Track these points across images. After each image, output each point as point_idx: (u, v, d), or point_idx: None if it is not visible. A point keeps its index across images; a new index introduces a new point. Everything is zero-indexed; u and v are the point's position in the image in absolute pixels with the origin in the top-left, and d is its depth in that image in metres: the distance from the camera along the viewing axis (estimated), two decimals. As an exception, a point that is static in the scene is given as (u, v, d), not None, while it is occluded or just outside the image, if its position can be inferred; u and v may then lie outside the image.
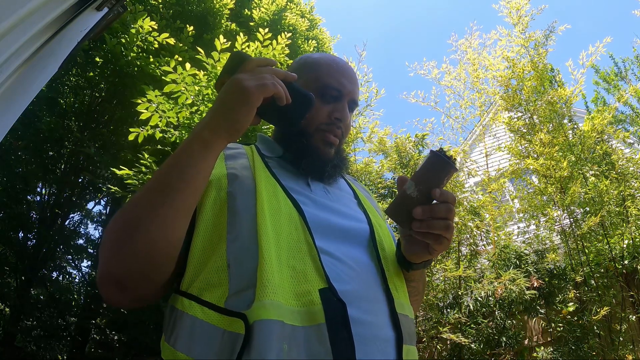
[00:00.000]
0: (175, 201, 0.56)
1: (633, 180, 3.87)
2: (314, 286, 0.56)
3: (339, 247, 0.65)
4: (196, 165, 0.58)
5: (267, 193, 0.65)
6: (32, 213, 4.95)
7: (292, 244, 0.60)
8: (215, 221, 0.62)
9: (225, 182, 0.67)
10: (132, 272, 0.56)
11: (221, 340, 0.52)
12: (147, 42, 4.15)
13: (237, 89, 0.59)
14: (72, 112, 4.73)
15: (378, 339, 0.58)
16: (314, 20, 7.68)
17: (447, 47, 9.50)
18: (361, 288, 0.62)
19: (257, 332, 0.49)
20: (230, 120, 0.59)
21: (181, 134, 3.53)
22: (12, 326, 4.28)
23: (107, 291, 0.57)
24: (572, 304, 3.46)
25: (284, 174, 0.74)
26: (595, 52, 4.29)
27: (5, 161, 4.51)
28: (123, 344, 4.31)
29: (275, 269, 0.55)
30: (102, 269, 0.56)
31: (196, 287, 0.58)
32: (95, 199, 5.78)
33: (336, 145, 0.81)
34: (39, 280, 4.79)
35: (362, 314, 0.58)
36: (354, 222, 0.73)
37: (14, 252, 4.71)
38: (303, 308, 0.55)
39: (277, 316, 0.51)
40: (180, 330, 0.55)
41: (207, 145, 0.59)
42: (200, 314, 0.55)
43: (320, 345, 0.52)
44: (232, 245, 0.59)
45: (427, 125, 5.15)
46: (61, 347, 5.24)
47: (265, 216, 0.60)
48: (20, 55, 1.25)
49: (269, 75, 0.61)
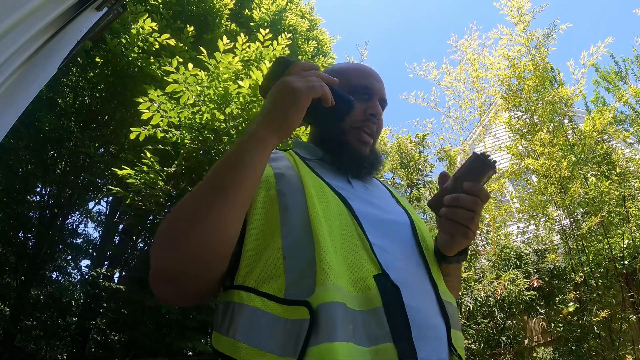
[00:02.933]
0: (230, 199, 0.57)
1: (633, 180, 3.87)
2: (369, 273, 0.59)
3: (386, 239, 0.67)
4: (251, 162, 0.60)
5: (315, 189, 0.67)
6: (32, 213, 4.95)
7: (344, 236, 0.62)
8: (267, 218, 0.64)
9: (273, 181, 0.69)
10: (185, 270, 0.57)
11: (284, 329, 0.53)
12: (147, 43, 4.15)
13: (288, 90, 0.62)
14: (72, 112, 4.72)
15: (430, 325, 0.60)
16: (314, 20, 7.67)
17: (447, 47, 9.49)
18: (410, 277, 0.64)
19: (323, 315, 0.51)
20: (282, 119, 0.62)
21: (182, 134, 3.53)
22: (12, 326, 4.28)
23: (158, 288, 0.59)
24: (572, 304, 3.45)
25: (326, 174, 0.76)
26: (596, 52, 4.29)
27: (6, 161, 4.51)
28: (123, 344, 4.30)
29: (333, 256, 0.57)
30: (154, 265, 0.58)
31: (252, 280, 0.59)
32: (95, 199, 5.78)
33: (370, 144, 0.85)
34: (39, 280, 4.79)
35: (416, 301, 0.60)
36: (395, 216, 0.76)
37: (14, 252, 4.71)
38: (360, 293, 0.56)
39: (340, 299, 0.53)
40: (240, 321, 0.56)
41: (261, 143, 0.61)
42: (261, 304, 0.56)
43: (379, 328, 0.54)
44: (286, 239, 0.61)
45: (427, 126, 5.15)
46: (61, 347, 5.24)
47: (317, 210, 0.62)
48: (20, 55, 1.25)
49: (316, 78, 0.64)
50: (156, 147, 3.62)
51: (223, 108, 3.55)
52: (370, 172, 0.84)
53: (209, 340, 5.39)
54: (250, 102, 3.54)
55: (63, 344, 5.15)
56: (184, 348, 3.78)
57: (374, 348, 0.52)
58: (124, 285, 4.10)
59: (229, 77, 3.54)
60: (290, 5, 6.97)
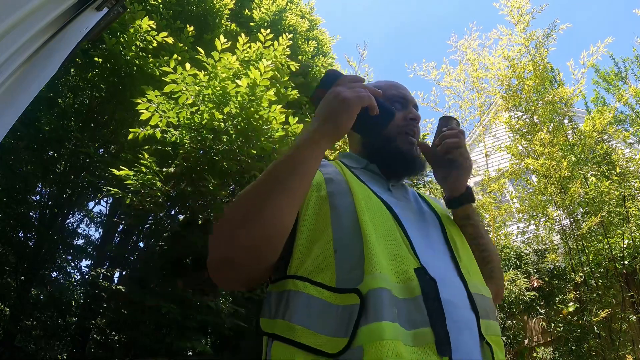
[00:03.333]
0: (289, 191, 0.65)
1: (633, 180, 3.87)
2: (410, 266, 0.66)
3: (422, 238, 0.75)
4: (307, 161, 0.68)
5: (361, 193, 0.75)
6: (32, 213, 4.95)
7: (388, 233, 0.70)
8: (318, 216, 0.72)
9: (323, 184, 0.78)
10: (249, 253, 0.65)
11: (336, 314, 0.60)
12: (145, 42, 4.14)
13: (340, 99, 0.70)
14: (71, 112, 4.72)
15: (463, 317, 0.67)
16: (314, 20, 7.68)
17: (447, 47, 9.49)
18: (443, 272, 0.70)
19: (371, 299, 0.58)
20: (335, 125, 0.70)
21: (181, 133, 3.53)
22: (12, 326, 4.28)
23: (219, 273, 0.68)
24: (572, 304, 3.45)
25: (370, 181, 0.85)
26: (596, 52, 4.29)
27: (6, 161, 4.51)
28: (123, 344, 4.30)
29: (379, 250, 0.65)
30: (216, 253, 0.66)
31: (305, 271, 0.66)
32: (95, 199, 5.78)
33: (415, 144, 0.93)
34: (39, 280, 4.78)
35: (449, 295, 0.66)
36: (430, 220, 0.85)
37: (14, 252, 4.70)
38: (402, 284, 0.64)
39: (386, 285, 0.60)
40: (296, 306, 0.63)
41: (316, 145, 0.69)
42: (315, 292, 0.63)
43: (419, 313, 0.61)
44: (336, 234, 0.68)
45: (427, 126, 5.15)
46: (61, 347, 5.23)
47: (364, 211, 0.70)
48: (21, 55, 1.25)
49: (363, 89, 0.72)
50: (155, 147, 3.61)
51: (222, 107, 3.55)
52: (420, 170, 0.93)
53: (209, 340, 5.39)
54: (248, 102, 3.54)
55: (63, 344, 5.14)
56: (184, 348, 3.78)
57: (413, 331, 0.59)
58: (124, 285, 4.10)
59: (227, 76, 3.54)
60: (290, 5, 6.97)
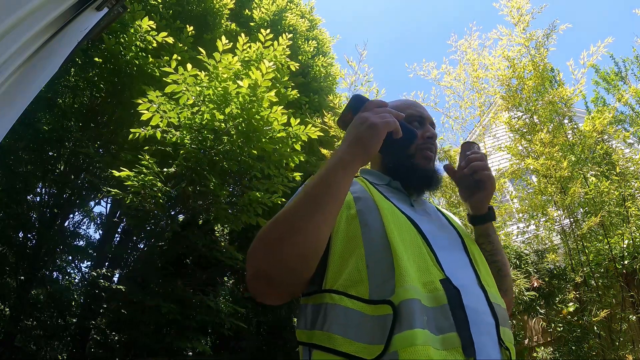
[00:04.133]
0: (325, 210, 0.70)
1: (633, 180, 3.87)
2: (436, 277, 0.72)
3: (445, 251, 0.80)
4: (340, 182, 0.73)
5: (388, 210, 0.81)
6: (32, 213, 4.95)
7: (414, 248, 0.76)
8: (350, 233, 0.78)
9: (352, 203, 0.84)
10: (286, 270, 0.70)
11: (371, 324, 0.66)
12: (145, 42, 4.14)
13: (368, 124, 0.75)
14: (71, 112, 4.72)
15: (485, 322, 0.73)
16: (314, 20, 7.68)
17: (447, 47, 9.48)
18: (466, 282, 0.76)
19: (404, 309, 0.64)
20: (364, 148, 0.75)
21: (182, 134, 3.53)
22: (12, 326, 4.28)
23: (258, 288, 0.73)
24: (572, 304, 3.45)
25: (393, 197, 0.90)
26: (596, 52, 4.28)
27: (6, 161, 4.51)
28: (123, 344, 4.30)
29: (407, 264, 0.70)
30: (255, 267, 0.71)
31: (340, 285, 0.71)
32: (95, 199, 5.78)
33: (433, 160, 1.00)
34: (39, 280, 4.78)
35: (472, 302, 0.72)
36: (449, 232, 0.91)
37: (14, 252, 4.70)
38: (430, 294, 0.69)
39: (417, 296, 0.66)
40: (334, 318, 0.69)
41: (347, 167, 0.74)
42: (351, 304, 0.69)
43: (446, 320, 0.67)
44: (368, 250, 0.74)
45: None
46: (61, 347, 5.23)
47: (392, 227, 0.76)
48: (21, 55, 1.25)
49: (389, 115, 0.78)
50: (156, 147, 3.61)
51: (222, 108, 3.54)
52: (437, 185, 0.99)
53: (208, 340, 5.39)
54: (249, 102, 3.53)
55: (63, 344, 5.14)
56: (184, 348, 3.78)
57: (441, 337, 0.65)
58: (124, 285, 4.10)
59: (228, 77, 3.54)
60: (290, 5, 6.97)
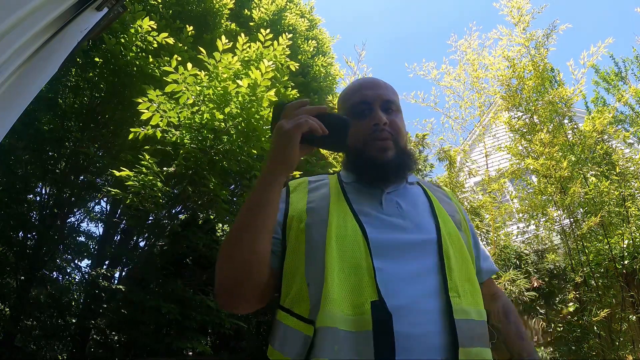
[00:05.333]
0: (254, 230, 0.74)
1: (633, 180, 3.87)
2: (367, 298, 0.67)
3: (397, 264, 0.73)
4: (265, 196, 0.75)
5: (337, 221, 0.77)
6: (32, 213, 4.95)
7: (354, 264, 0.72)
8: (296, 249, 0.78)
9: (304, 215, 0.82)
10: (235, 282, 0.74)
11: (303, 342, 0.68)
12: (146, 42, 4.14)
13: (280, 133, 0.75)
14: (71, 112, 4.72)
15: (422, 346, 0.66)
16: (314, 20, 7.68)
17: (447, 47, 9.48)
18: (412, 302, 0.69)
19: (318, 335, 0.66)
20: (281, 159, 0.75)
21: (182, 133, 3.53)
22: (12, 326, 4.28)
23: (221, 299, 0.77)
24: (572, 304, 3.45)
25: (359, 197, 0.85)
26: (596, 52, 4.28)
27: (6, 161, 4.50)
28: (123, 344, 4.30)
29: (336, 286, 0.68)
30: (217, 284, 0.75)
31: (289, 302, 0.75)
32: (95, 199, 5.77)
33: (391, 147, 0.87)
34: (39, 280, 4.79)
35: (408, 327, 0.66)
36: (418, 235, 0.80)
37: (14, 252, 4.70)
38: (356, 317, 0.66)
39: (331, 324, 0.65)
40: (278, 334, 0.74)
41: (269, 184, 0.75)
42: (292, 323, 0.72)
43: (366, 346, 0.63)
44: (309, 268, 0.74)
45: (427, 126, 5.16)
46: (61, 347, 5.23)
47: (332, 245, 0.73)
48: (21, 55, 1.25)
49: (303, 115, 0.75)
50: (156, 147, 3.61)
51: (222, 108, 3.54)
52: (399, 176, 0.88)
53: (208, 340, 5.39)
54: (249, 102, 3.53)
55: (63, 344, 5.14)
56: (184, 348, 3.78)
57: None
58: (124, 285, 4.10)
59: (228, 77, 3.54)
60: (290, 5, 6.97)
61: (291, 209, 0.85)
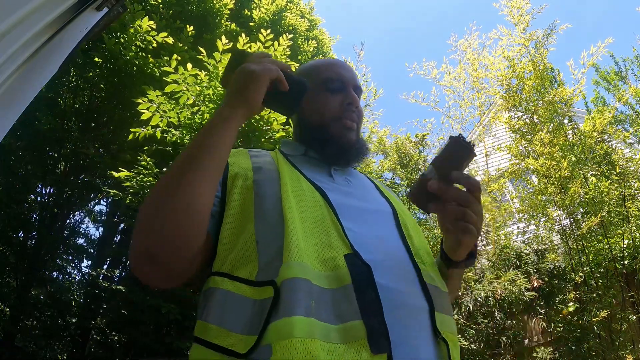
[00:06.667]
0: (200, 167, 0.60)
1: (633, 180, 3.87)
2: (339, 252, 0.59)
3: (362, 225, 0.67)
4: (217, 136, 0.64)
5: (291, 180, 0.70)
6: (32, 213, 4.95)
7: (317, 220, 0.64)
8: (243, 205, 0.67)
9: (250, 173, 0.73)
10: (164, 241, 0.56)
11: (252, 309, 0.54)
12: (145, 42, 4.14)
13: (248, 72, 0.68)
14: (71, 112, 4.72)
15: (408, 305, 0.59)
16: (314, 20, 7.67)
17: (447, 47, 9.48)
18: (387, 258, 0.64)
19: (284, 290, 0.52)
20: (244, 97, 0.67)
21: (182, 134, 3.53)
22: (12, 326, 4.28)
23: (140, 268, 0.59)
24: (572, 304, 3.45)
25: (307, 168, 0.78)
26: (596, 52, 4.29)
27: (6, 161, 4.51)
28: (123, 344, 4.30)
29: (301, 237, 0.58)
30: (135, 245, 0.58)
31: (227, 266, 0.60)
32: (95, 199, 5.78)
33: (355, 129, 0.85)
34: (39, 280, 4.79)
35: (390, 281, 0.59)
36: (376, 205, 0.77)
37: (14, 252, 4.71)
38: (329, 272, 0.57)
39: (303, 274, 0.53)
40: (213, 304, 0.58)
41: (227, 121, 0.66)
42: (232, 287, 0.58)
43: (348, 305, 0.53)
44: (259, 224, 0.63)
45: (427, 126, 5.16)
46: (61, 347, 5.23)
47: (289, 197, 0.65)
48: (21, 55, 1.25)
49: (271, 63, 0.71)
50: (156, 147, 3.61)
51: (223, 108, 3.54)
52: (357, 158, 0.85)
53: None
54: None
55: (63, 344, 5.14)
56: (184, 348, 3.78)
57: (342, 326, 0.52)
58: (124, 285, 4.10)
59: (228, 77, 3.54)
60: (290, 5, 6.97)
61: (232, 168, 0.73)
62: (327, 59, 0.95)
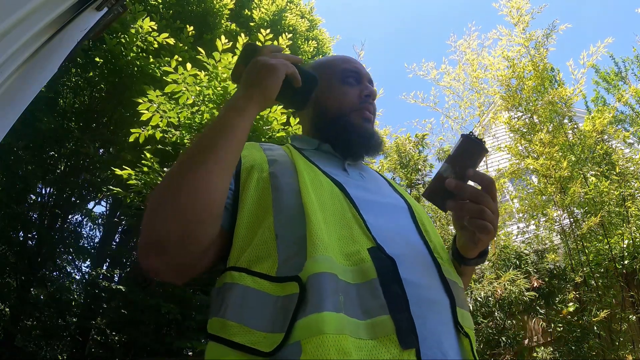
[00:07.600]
0: (216, 158, 0.58)
1: (633, 180, 3.87)
2: (363, 246, 0.58)
3: (381, 218, 0.66)
4: (233, 127, 0.62)
5: (308, 173, 0.68)
6: (32, 213, 4.95)
7: (337, 214, 0.62)
8: (260, 199, 0.65)
9: (266, 165, 0.71)
10: (174, 230, 0.55)
11: (274, 306, 0.52)
12: (146, 42, 4.15)
13: (264, 65, 0.67)
14: (72, 112, 4.73)
15: (431, 300, 0.59)
16: (314, 20, 7.68)
17: (446, 47, 9.49)
18: (410, 252, 0.63)
19: (311, 286, 0.50)
20: (260, 89, 0.66)
21: (182, 134, 3.53)
22: (12, 326, 4.28)
23: (147, 259, 0.56)
24: (572, 304, 3.45)
25: (322, 162, 0.76)
26: (596, 52, 4.29)
27: (6, 161, 4.51)
28: (123, 344, 4.31)
29: (324, 230, 0.57)
30: (143, 234, 0.56)
31: (244, 261, 0.58)
32: (95, 199, 5.78)
33: (372, 121, 0.86)
34: (39, 280, 4.79)
35: (413, 275, 0.58)
36: (392, 200, 0.76)
37: (14, 252, 4.71)
38: (354, 267, 0.55)
39: (330, 269, 0.52)
40: (231, 300, 0.55)
41: (242, 112, 0.64)
42: (251, 283, 0.55)
43: (374, 300, 0.52)
44: (278, 217, 0.61)
45: (427, 126, 5.17)
46: (61, 347, 5.24)
47: (308, 190, 0.63)
48: (20, 55, 1.25)
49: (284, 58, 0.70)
50: (156, 147, 3.61)
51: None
52: (376, 149, 0.85)
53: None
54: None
55: (63, 344, 5.15)
56: (184, 348, 3.78)
57: (369, 321, 0.51)
58: (124, 285, 4.10)
59: (227, 76, 3.54)
60: (290, 5, 6.97)
61: (246, 160, 0.71)
62: (341, 55, 0.95)
